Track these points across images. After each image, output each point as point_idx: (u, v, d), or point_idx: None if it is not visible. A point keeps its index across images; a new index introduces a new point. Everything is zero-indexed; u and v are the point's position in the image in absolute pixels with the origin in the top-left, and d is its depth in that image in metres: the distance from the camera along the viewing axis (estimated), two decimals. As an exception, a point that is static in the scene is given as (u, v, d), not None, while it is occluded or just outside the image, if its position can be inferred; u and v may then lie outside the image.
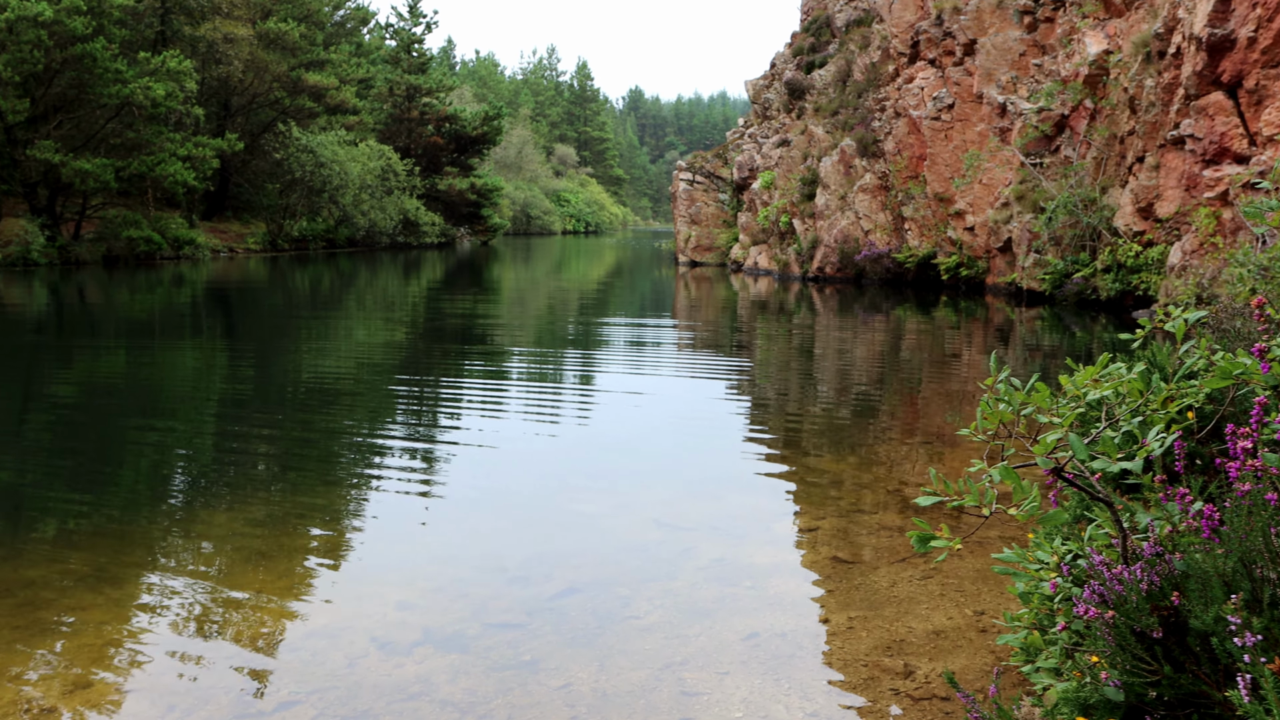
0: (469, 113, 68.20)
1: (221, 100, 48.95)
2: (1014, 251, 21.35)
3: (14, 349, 15.60)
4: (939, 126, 23.25)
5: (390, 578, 5.37)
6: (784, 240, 30.13)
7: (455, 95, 76.14)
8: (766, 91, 35.03)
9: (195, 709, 3.93)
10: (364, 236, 53.52)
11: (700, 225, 37.17)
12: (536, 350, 15.40)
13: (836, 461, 7.91)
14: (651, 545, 5.87)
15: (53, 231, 36.51)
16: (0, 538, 6.14)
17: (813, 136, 28.78)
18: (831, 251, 26.76)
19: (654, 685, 4.13)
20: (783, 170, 30.00)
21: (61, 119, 36.15)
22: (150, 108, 36.18)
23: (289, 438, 9.11)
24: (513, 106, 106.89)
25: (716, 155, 37.72)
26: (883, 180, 25.75)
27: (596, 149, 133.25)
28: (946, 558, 5.66)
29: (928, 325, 18.23)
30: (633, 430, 9.27)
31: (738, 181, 34.07)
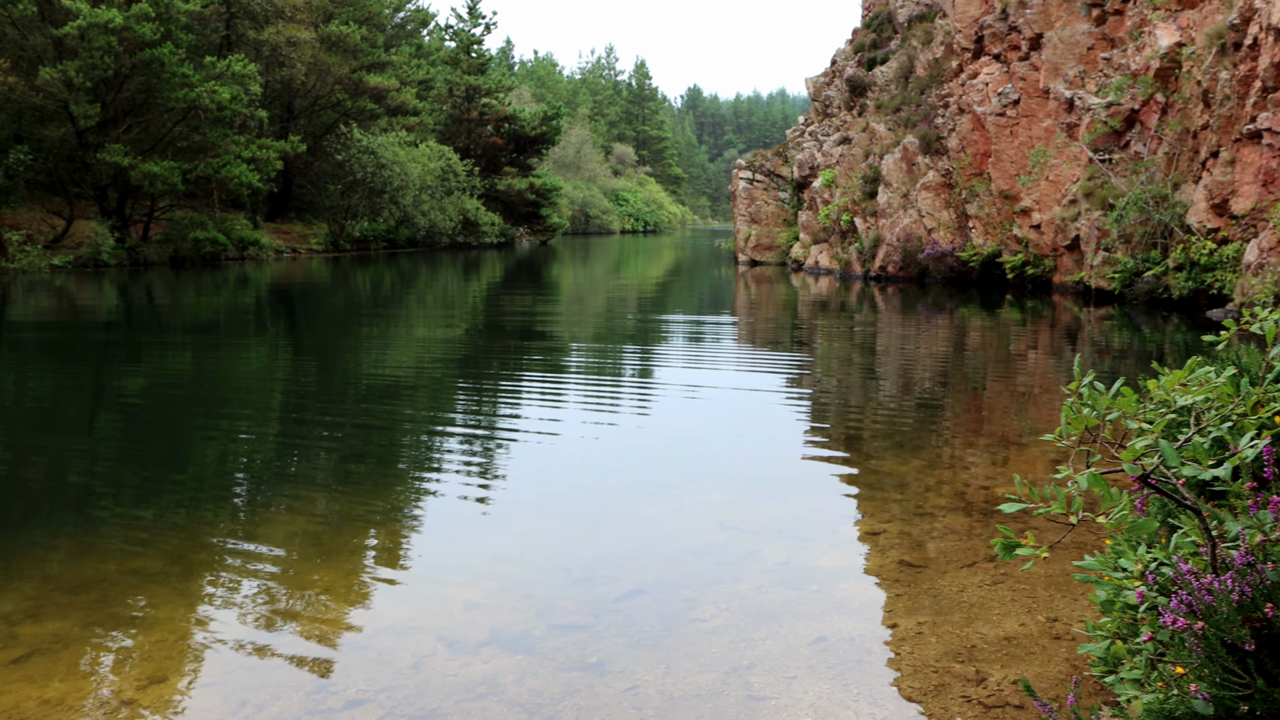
0: (528, 113, 68.57)
1: (285, 103, 49.70)
2: (1082, 250, 20.96)
3: (85, 348, 15.96)
4: (1004, 123, 22.90)
5: (455, 577, 5.38)
6: (845, 239, 29.87)
7: (514, 95, 76.54)
8: (827, 89, 34.75)
9: (266, 705, 3.97)
10: (424, 237, 54.03)
11: (760, 224, 36.98)
12: (596, 349, 15.42)
13: (900, 463, 7.81)
14: (715, 547, 5.83)
15: (122, 233, 37.32)
16: (74, 533, 6.27)
17: (874, 134, 28.50)
18: (894, 250, 26.48)
19: (721, 689, 4.09)
20: (844, 168, 29.75)
21: (130, 123, 36.94)
22: (216, 111, 36.83)
23: (351, 436, 9.20)
24: (571, 106, 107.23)
25: (776, 153, 37.51)
26: (946, 178, 25.42)
27: (655, 148, 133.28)
28: (1017, 564, 5.56)
29: (992, 325, 17.96)
30: (693, 430, 9.23)
31: (798, 180, 33.85)
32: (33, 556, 5.82)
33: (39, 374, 13.30)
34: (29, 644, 4.56)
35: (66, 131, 35.42)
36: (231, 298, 25.99)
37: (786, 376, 12.33)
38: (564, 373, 12.91)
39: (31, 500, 7.14)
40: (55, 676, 4.26)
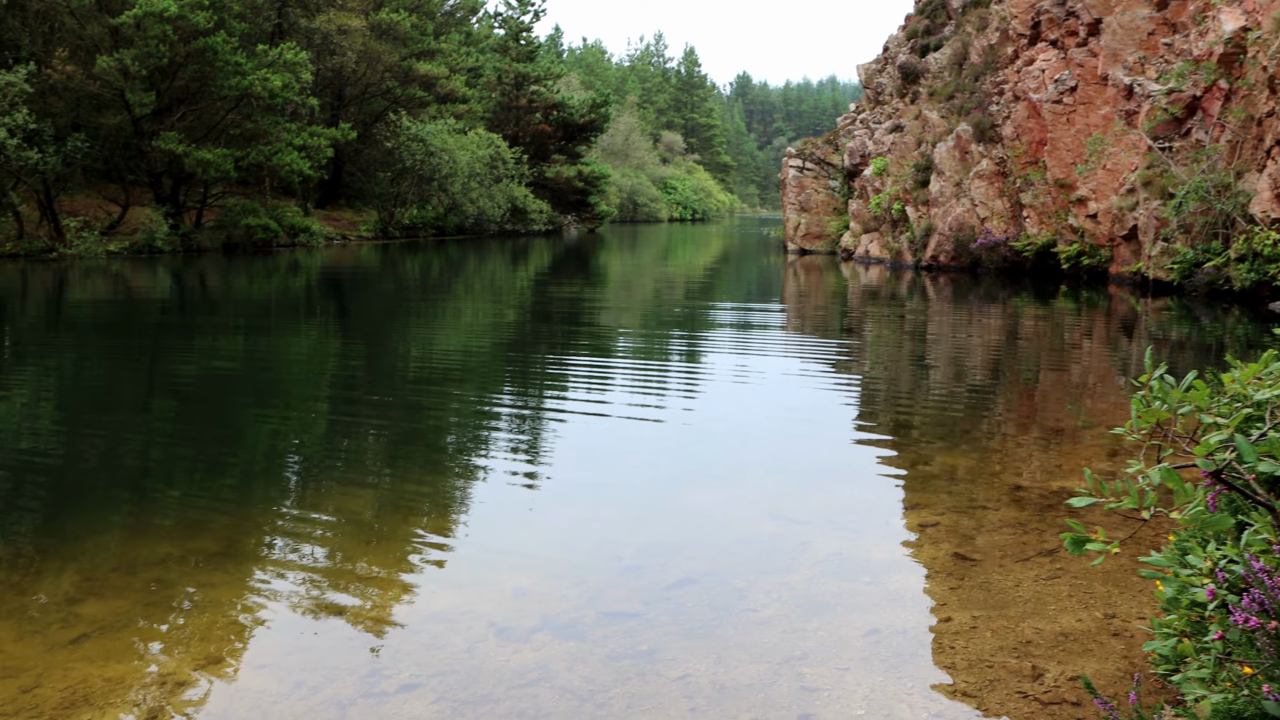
0: (576, 100, 68.59)
1: (335, 90, 50.08)
2: (1139, 240, 20.58)
3: (140, 333, 16.22)
4: (1061, 110, 22.53)
5: (506, 563, 5.40)
6: (896, 228, 29.59)
7: (563, 83, 76.61)
8: (879, 76, 34.40)
9: (321, 687, 4.00)
10: (473, 224, 54.27)
11: (810, 212, 36.73)
12: (643, 336, 15.40)
13: (952, 455, 7.71)
14: (766, 537, 5.80)
15: (176, 220, 37.84)
16: (130, 515, 6.37)
17: (927, 121, 28.17)
18: (946, 239, 26.18)
19: (773, 679, 4.06)
20: (895, 156, 29.45)
21: (184, 111, 37.40)
22: (268, 99, 37.17)
23: (400, 420, 9.26)
24: (620, 94, 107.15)
25: (827, 141, 37.21)
26: (1000, 166, 25.07)
27: (703, 136, 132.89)
28: (1076, 559, 5.47)
29: (1046, 315, 17.70)
30: (742, 419, 9.18)
31: (848, 168, 33.56)
32: (91, 536, 5.92)
33: (96, 357, 13.54)
34: (89, 623, 4.64)
35: (122, 119, 35.95)
36: (282, 284, 26.28)
37: (836, 366, 12.24)
38: (612, 359, 12.91)
39: (89, 481, 7.26)
40: (115, 655, 4.32)
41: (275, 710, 3.83)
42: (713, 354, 13.45)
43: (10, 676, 4.14)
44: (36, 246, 32.85)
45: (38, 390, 10.84)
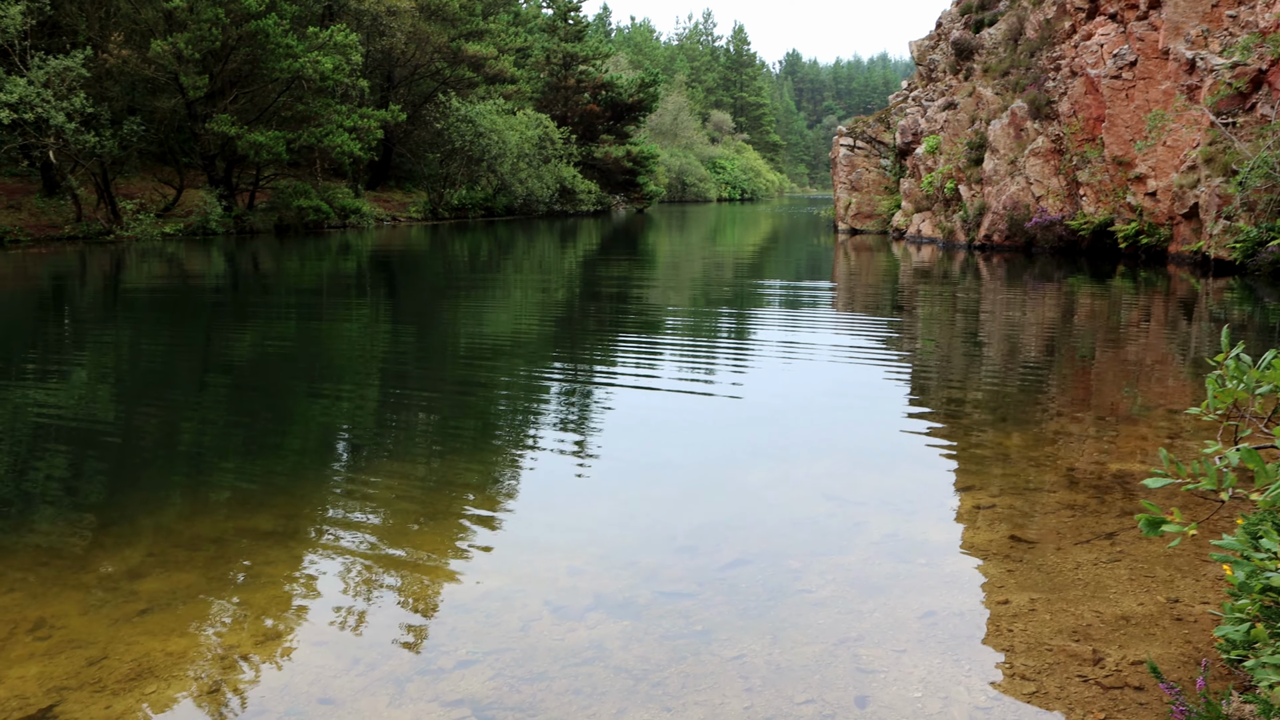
0: (625, 80, 68.41)
1: (385, 72, 50.34)
2: (1201, 218, 20.14)
3: (195, 313, 16.44)
4: (1119, 85, 22.07)
5: (559, 542, 5.41)
6: (949, 207, 29.21)
7: (611, 63, 76.44)
8: (932, 52, 33.91)
9: (378, 663, 4.04)
10: (521, 205, 54.41)
11: (861, 192, 36.38)
12: (692, 317, 15.35)
13: (1007, 436, 7.60)
14: (820, 518, 5.76)
15: (229, 202, 38.32)
16: (188, 493, 6.46)
17: (981, 99, 27.74)
18: (1000, 219, 25.80)
19: (829, 660, 4.03)
20: (948, 134, 29.04)
21: (237, 93, 37.79)
22: (319, 81, 37.44)
23: (450, 400, 9.31)
24: (668, 73, 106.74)
25: (878, 119, 36.79)
26: (1056, 144, 24.64)
27: (752, 115, 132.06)
28: (1135, 542, 5.37)
29: (1103, 296, 17.39)
30: (793, 398, 9.12)
31: (900, 146, 33.16)
32: (151, 513, 6.01)
33: (152, 337, 13.75)
34: (151, 598, 4.71)
35: (176, 103, 36.41)
36: (334, 264, 26.52)
37: (887, 345, 12.11)
38: (661, 339, 12.88)
39: (148, 458, 7.37)
40: (176, 629, 4.39)
41: (334, 685, 3.87)
42: (762, 333, 13.37)
43: (77, 648, 4.22)
44: (94, 229, 33.42)
45: (97, 369, 11.03)
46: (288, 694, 3.82)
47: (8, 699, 3.82)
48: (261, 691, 3.84)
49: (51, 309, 17.07)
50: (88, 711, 3.72)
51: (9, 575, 5.00)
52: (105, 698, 3.82)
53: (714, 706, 3.70)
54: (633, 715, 3.64)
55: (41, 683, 3.94)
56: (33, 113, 30.10)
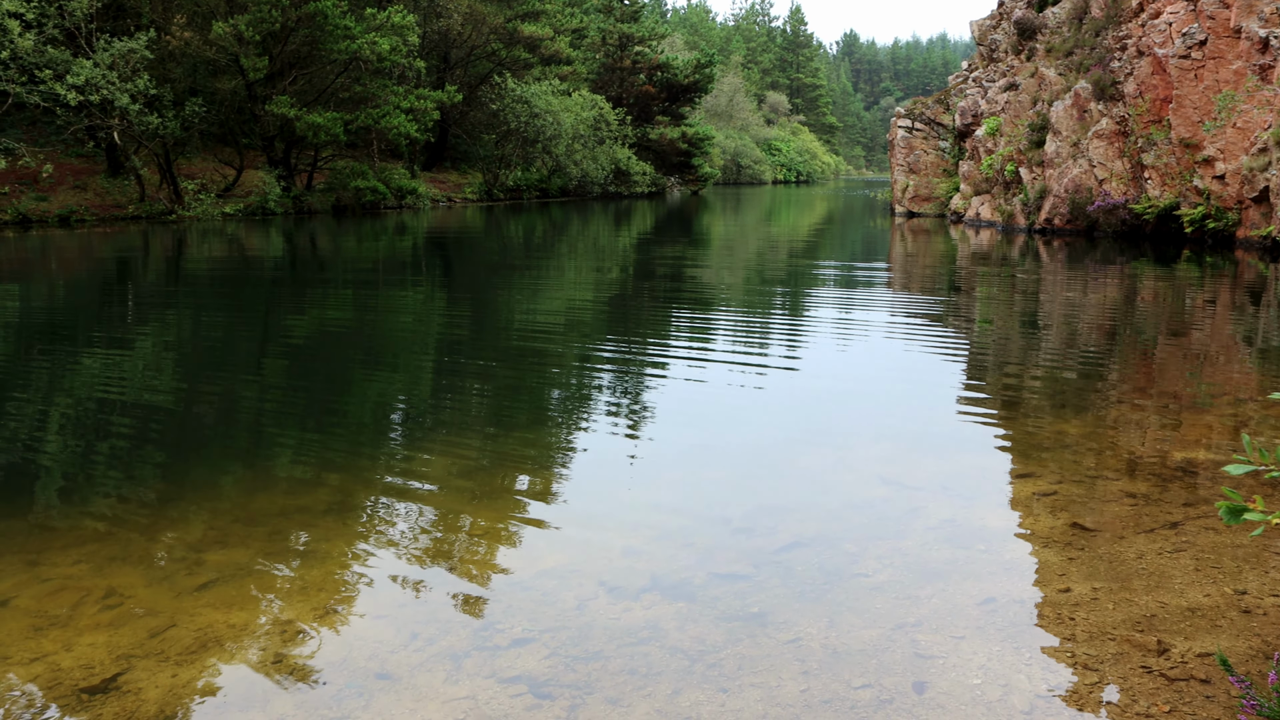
0: (680, 61, 68.10)
1: (441, 53, 50.56)
2: (1271, 202, 19.63)
3: (254, 292, 16.68)
4: (1188, 65, 21.55)
5: (614, 522, 5.41)
6: (1009, 190, 28.76)
7: (667, 43, 76.18)
8: (993, 32, 33.35)
9: (436, 638, 4.08)
10: (576, 186, 54.48)
11: (918, 174, 35.93)
12: (746, 299, 15.27)
13: (1067, 422, 7.48)
14: (877, 502, 5.71)
15: (287, 182, 38.78)
16: (248, 468, 6.56)
17: (1043, 79, 27.24)
18: (1061, 202, 25.36)
19: (886, 645, 4.00)
20: (1009, 116, 28.56)
21: (296, 75, 38.18)
22: (376, 62, 37.69)
23: (504, 380, 9.35)
24: (724, 54, 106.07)
25: (937, 101, 36.27)
26: (1120, 125, 24.14)
27: (809, 96, 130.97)
28: (1201, 532, 5.26)
29: (1167, 281, 17.03)
30: (848, 381, 9.05)
31: (960, 128, 32.68)
32: (212, 488, 6.12)
33: (213, 315, 13.97)
34: (214, 570, 4.79)
35: (237, 84, 36.88)
36: (390, 245, 26.75)
37: (944, 329, 11.97)
38: (714, 324, 12.83)
39: (208, 434, 7.50)
40: (238, 602, 4.46)
41: (393, 660, 3.91)
42: (817, 315, 13.28)
43: (143, 618, 4.31)
44: (157, 209, 34.01)
45: (159, 346, 11.23)
46: (347, 667, 3.87)
47: (77, 666, 3.91)
48: (321, 664, 3.89)
49: (116, 287, 17.41)
50: (154, 680, 3.80)
51: (78, 546, 5.12)
52: (171, 667, 3.89)
53: (770, 689, 3.69)
54: (689, 696, 3.64)
55: (110, 650, 4.03)
56: (98, 94, 30.65)
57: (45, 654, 4.02)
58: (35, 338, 11.90)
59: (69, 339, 11.78)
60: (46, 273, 19.56)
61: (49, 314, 14.26)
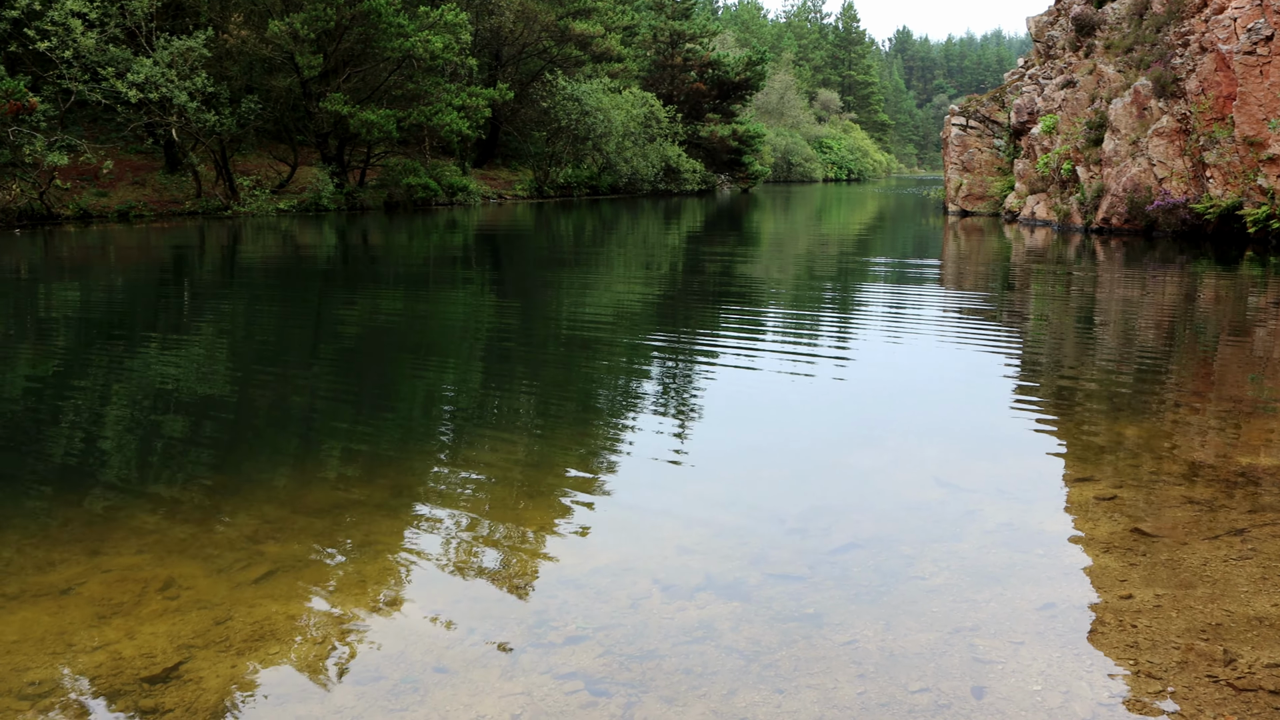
0: (731, 58, 67.88)
1: (493, 50, 50.82)
2: (1335, 201, 19.16)
3: (307, 287, 16.87)
4: (1253, 62, 21.09)
5: (666, 521, 5.40)
6: (1065, 189, 28.34)
7: (718, 41, 75.97)
8: (1050, 29, 32.87)
9: (491, 634, 4.09)
10: (626, 184, 54.51)
11: (972, 173, 35.52)
12: (795, 298, 15.19)
13: (1125, 425, 7.34)
14: (933, 504, 5.64)
15: (340, 179, 39.19)
16: (302, 461, 6.63)
17: (1102, 76, 26.81)
18: (1119, 201, 24.94)
19: (944, 649, 3.95)
20: (1066, 114, 28.14)
21: (349, 72, 38.56)
22: (429, 60, 37.96)
23: (554, 375, 9.37)
24: (775, 51, 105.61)
25: (992, 98, 35.83)
26: (1182, 123, 23.69)
27: (860, 93, 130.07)
28: (1269, 539, 5.14)
29: (1228, 282, 16.69)
30: (901, 382, 8.96)
31: (1015, 126, 32.26)
32: (268, 481, 6.19)
33: (267, 309, 14.15)
34: (271, 562, 4.85)
35: (292, 82, 37.32)
36: (441, 241, 26.93)
37: (997, 328, 11.81)
38: (763, 322, 12.77)
39: (263, 428, 7.59)
40: (295, 594, 4.51)
41: (448, 655, 3.93)
42: (868, 314, 13.17)
43: (203, 609, 4.36)
44: (213, 204, 34.53)
45: (215, 339, 11.40)
46: (403, 661, 3.89)
47: (139, 655, 3.98)
48: (378, 658, 3.92)
49: (172, 281, 17.69)
50: (214, 669, 3.85)
51: (138, 537, 5.20)
52: (230, 657, 3.94)
53: (826, 690, 3.66)
54: (744, 696, 3.62)
55: (171, 640, 4.09)
56: (157, 92, 31.18)
57: (108, 642, 4.09)
58: (95, 330, 12.12)
59: (127, 332, 11.99)
60: (106, 267, 19.93)
61: (108, 307, 14.53)
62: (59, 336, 11.68)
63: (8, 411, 8.09)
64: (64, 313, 13.81)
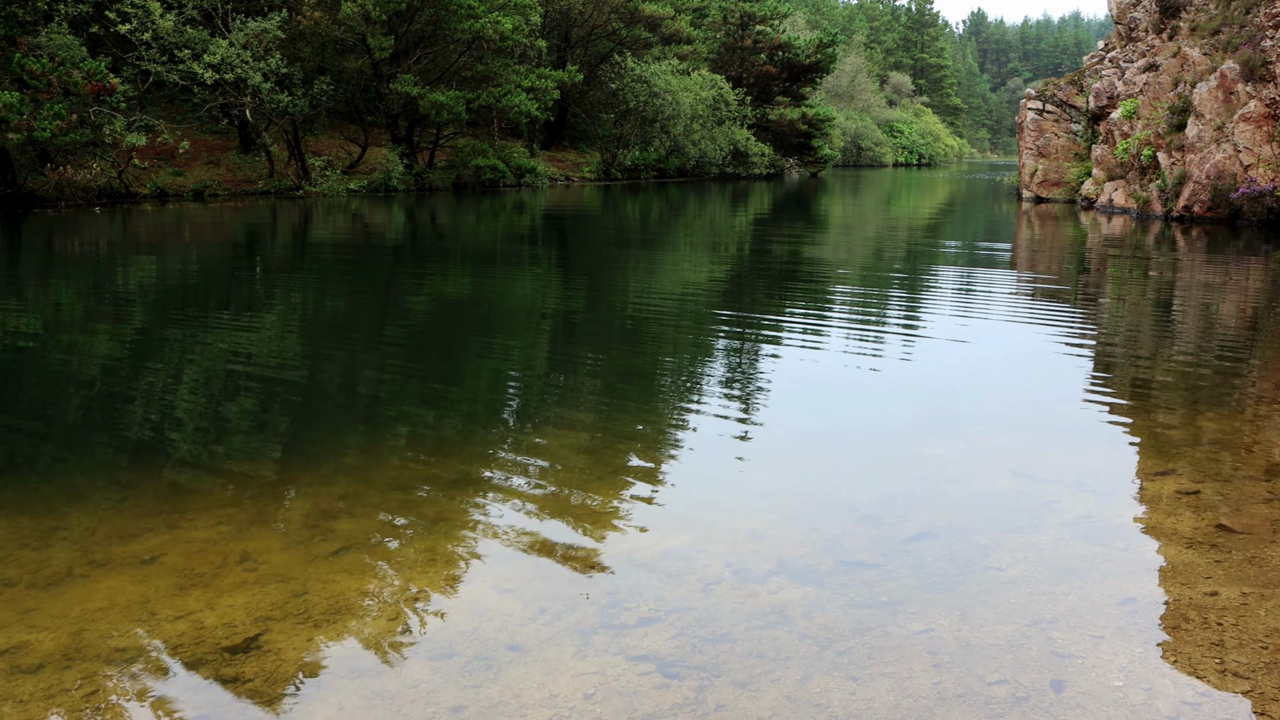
0: (802, 40, 67.18)
1: (562, 32, 50.84)
2: None
3: (376, 266, 17.05)
4: (1343, 45, 20.35)
5: (737, 505, 5.37)
6: (1145, 176, 27.66)
7: (788, 23, 75.11)
8: (1133, 10, 32.05)
9: (563, 614, 4.10)
10: (693, 167, 54.30)
11: (1048, 158, 34.81)
12: (863, 284, 15.01)
13: (1206, 419, 7.14)
14: (1009, 495, 5.54)
15: (410, 160, 39.53)
16: (372, 440, 6.71)
17: (1186, 59, 26.08)
18: (1202, 188, 24.28)
19: (1021, 641, 3.88)
20: (1148, 98, 27.44)
21: (420, 54, 38.84)
22: (498, 41, 38.07)
23: (621, 358, 9.35)
24: (846, 33, 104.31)
25: (1070, 82, 35.05)
26: (1270, 108, 22.97)
27: (933, 77, 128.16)
28: (1361, 536, 4.97)
29: (1315, 272, 16.16)
30: (972, 368, 8.81)
31: (1094, 111, 31.53)
32: (340, 458, 6.26)
33: (337, 288, 14.33)
34: (345, 538, 4.91)
35: (363, 63, 37.70)
36: (508, 222, 27.06)
37: (1072, 317, 11.56)
38: (831, 308, 12.63)
39: (334, 405, 7.68)
40: (369, 570, 4.56)
41: (522, 632, 3.95)
42: (937, 300, 12.96)
43: (280, 582, 4.43)
44: (285, 184, 35.06)
45: (286, 316, 11.57)
46: (476, 638, 3.92)
47: (220, 625, 4.05)
48: (451, 635, 3.95)
49: (245, 259, 18.00)
50: (291, 641, 3.91)
51: (215, 510, 5.30)
52: (308, 629, 4.00)
53: (901, 679, 3.61)
54: (818, 683, 3.59)
55: (249, 612, 4.16)
56: (232, 73, 31.70)
57: (190, 612, 4.17)
58: (170, 306, 12.38)
59: (201, 308, 12.23)
60: (181, 245, 20.34)
61: (183, 284, 14.82)
62: (136, 312, 11.95)
63: (88, 385, 8.29)
64: (141, 289, 14.12)
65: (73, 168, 29.20)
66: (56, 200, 29.17)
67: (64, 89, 28.17)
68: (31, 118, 27.22)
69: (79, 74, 28.33)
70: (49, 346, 9.89)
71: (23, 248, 20.26)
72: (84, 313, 12.05)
